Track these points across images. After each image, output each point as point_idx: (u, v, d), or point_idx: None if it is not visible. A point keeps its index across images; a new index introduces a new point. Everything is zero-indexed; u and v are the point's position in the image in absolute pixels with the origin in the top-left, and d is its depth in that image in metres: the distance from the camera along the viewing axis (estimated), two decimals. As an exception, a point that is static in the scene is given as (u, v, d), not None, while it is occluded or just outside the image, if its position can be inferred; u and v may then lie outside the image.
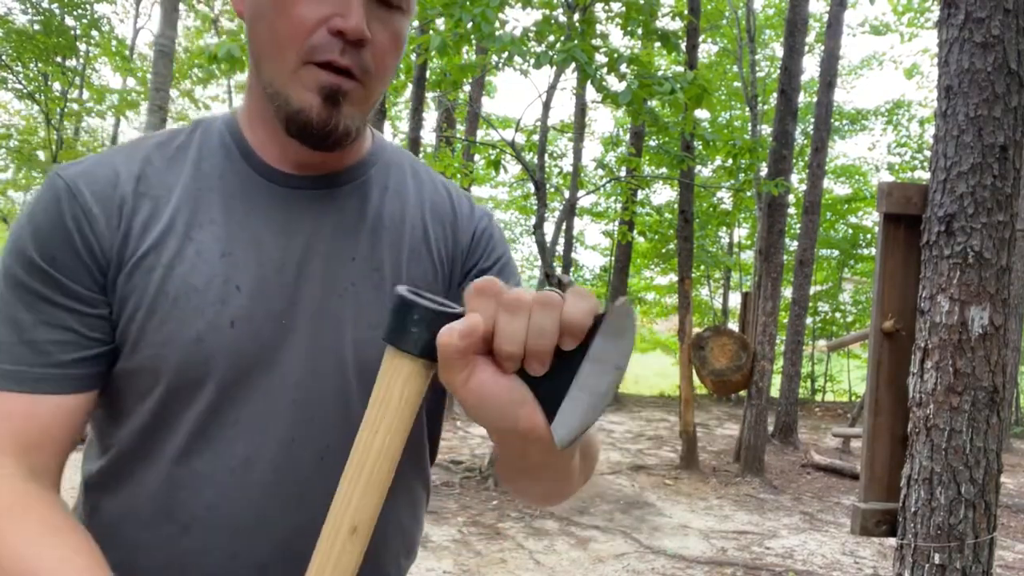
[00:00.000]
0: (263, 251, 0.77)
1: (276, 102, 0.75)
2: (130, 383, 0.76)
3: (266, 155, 0.81)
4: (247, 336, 0.75)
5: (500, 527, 5.12)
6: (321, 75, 0.73)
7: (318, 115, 0.74)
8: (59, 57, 10.76)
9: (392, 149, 0.92)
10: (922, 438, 2.22)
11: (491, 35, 4.95)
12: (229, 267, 0.76)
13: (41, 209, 0.75)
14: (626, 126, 15.00)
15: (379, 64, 0.76)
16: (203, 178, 0.80)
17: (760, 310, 7.31)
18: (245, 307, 0.75)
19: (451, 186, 0.93)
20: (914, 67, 17.35)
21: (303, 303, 0.78)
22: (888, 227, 2.33)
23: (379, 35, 0.75)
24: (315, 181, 0.82)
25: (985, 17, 2.19)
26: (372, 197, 0.85)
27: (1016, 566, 4.97)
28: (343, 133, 0.76)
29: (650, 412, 12.13)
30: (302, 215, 0.80)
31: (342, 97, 0.74)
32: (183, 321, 0.74)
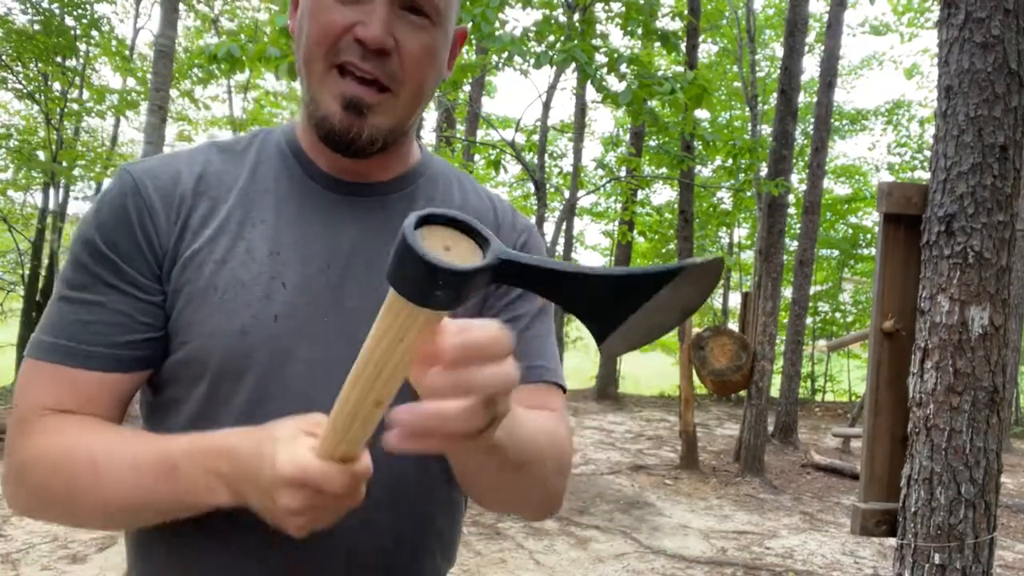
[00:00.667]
0: (310, 251, 0.81)
1: (310, 108, 0.80)
2: (179, 374, 0.80)
3: (319, 162, 0.85)
4: (289, 331, 0.79)
5: (500, 527, 5.12)
6: (343, 84, 0.77)
7: (340, 123, 0.77)
8: (59, 57, 10.76)
9: (440, 163, 0.96)
10: (922, 438, 2.22)
11: (491, 35, 4.95)
12: (276, 265, 0.80)
13: (108, 201, 0.80)
14: (626, 126, 15.00)
15: (410, 73, 0.78)
16: (259, 181, 0.84)
17: (760, 310, 7.32)
18: (289, 303, 0.79)
19: (495, 198, 0.96)
20: (914, 67, 17.35)
21: (345, 303, 0.81)
22: (888, 227, 2.33)
23: (409, 44, 0.77)
24: (364, 188, 0.86)
25: (985, 17, 2.19)
26: (418, 207, 0.86)
27: (1016, 566, 4.97)
28: (367, 142, 0.79)
29: (650, 412, 12.13)
30: (350, 220, 0.84)
31: (365, 108, 0.77)
32: (230, 314, 0.78)
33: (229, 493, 0.68)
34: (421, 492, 0.86)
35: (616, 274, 0.46)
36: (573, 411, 11.36)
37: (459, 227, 0.48)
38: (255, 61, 4.76)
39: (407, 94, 0.79)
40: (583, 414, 11.17)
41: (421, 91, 0.81)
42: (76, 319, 0.78)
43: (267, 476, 0.62)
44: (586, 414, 11.21)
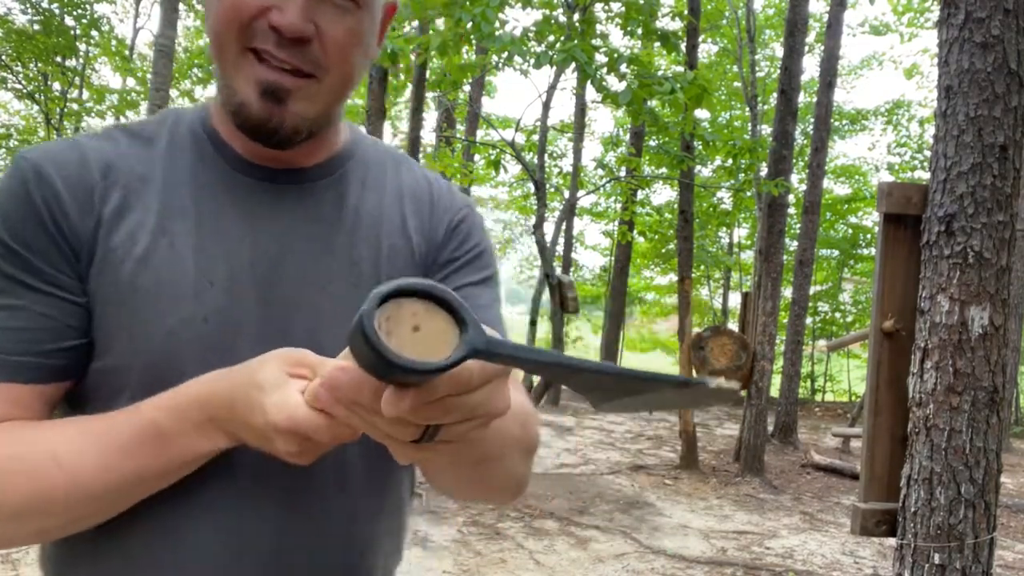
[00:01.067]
0: (237, 246, 0.75)
1: (225, 93, 0.73)
2: (99, 384, 0.73)
3: (238, 147, 0.79)
4: (220, 333, 0.72)
5: (500, 527, 5.12)
6: (259, 70, 0.70)
7: (257, 111, 0.71)
8: (59, 57, 10.77)
9: (370, 143, 0.90)
10: (922, 438, 2.22)
11: (491, 35, 4.95)
12: (202, 262, 0.73)
13: (9, 195, 0.71)
14: (626, 126, 15.00)
15: (334, 60, 0.72)
16: (175, 170, 0.77)
17: (760, 310, 7.32)
18: (219, 303, 0.73)
19: (432, 176, 0.90)
20: (914, 67, 17.35)
21: (279, 298, 0.75)
22: (888, 227, 2.33)
23: (331, 29, 0.71)
24: (290, 175, 0.80)
25: (985, 17, 2.19)
26: (349, 192, 0.82)
27: (1016, 566, 4.97)
28: (290, 131, 0.73)
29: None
30: (277, 209, 0.78)
31: (284, 94, 0.71)
32: (155, 317, 0.71)
33: (227, 437, 0.66)
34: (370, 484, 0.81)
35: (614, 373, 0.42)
36: (573, 411, 11.37)
37: (434, 300, 0.42)
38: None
39: (332, 80, 0.73)
40: (583, 414, 11.17)
41: (348, 77, 0.75)
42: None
43: (259, 423, 0.60)
44: (586, 414, 11.21)
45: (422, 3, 4.97)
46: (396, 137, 13.18)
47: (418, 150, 8.26)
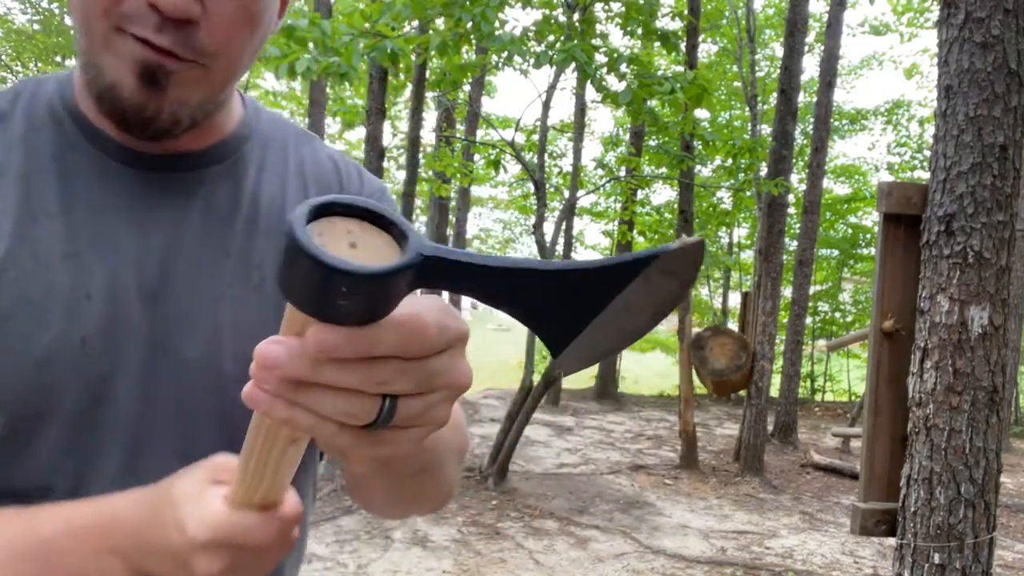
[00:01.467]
0: (117, 250, 0.64)
1: (89, 73, 0.61)
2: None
3: (110, 130, 0.66)
4: (103, 355, 0.62)
5: (500, 527, 5.12)
6: (137, 48, 0.58)
7: (131, 96, 0.59)
8: (59, 57, 10.76)
9: (270, 119, 0.78)
10: (922, 438, 2.22)
11: (491, 35, 4.95)
12: (76, 271, 0.62)
13: None
14: (626, 126, 15.00)
15: (223, 43, 0.61)
16: (33, 157, 0.64)
17: (760, 310, 7.32)
18: (99, 319, 0.62)
19: (339, 157, 0.80)
20: (914, 67, 17.35)
21: (168, 312, 0.65)
22: (888, 227, 2.33)
23: (220, 8, 0.60)
24: (176, 162, 0.67)
25: (985, 17, 2.19)
26: (247, 179, 0.71)
27: (1016, 566, 4.97)
28: (169, 121, 0.62)
29: (650, 412, 12.13)
30: (163, 204, 0.66)
31: (165, 78, 0.59)
32: (21, 340, 0.59)
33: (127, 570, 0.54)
34: None
35: (571, 268, 0.36)
36: (573, 411, 11.37)
37: (367, 218, 0.36)
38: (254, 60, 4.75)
39: (220, 66, 0.62)
40: (583, 414, 11.17)
41: (239, 61, 0.64)
42: None
43: (177, 544, 0.50)
44: (586, 414, 11.21)
45: (422, 3, 4.97)
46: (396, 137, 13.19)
47: (418, 150, 8.26)
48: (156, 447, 0.64)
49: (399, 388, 0.37)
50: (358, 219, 0.36)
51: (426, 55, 6.17)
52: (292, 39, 4.61)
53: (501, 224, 21.77)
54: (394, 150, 11.87)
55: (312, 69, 4.45)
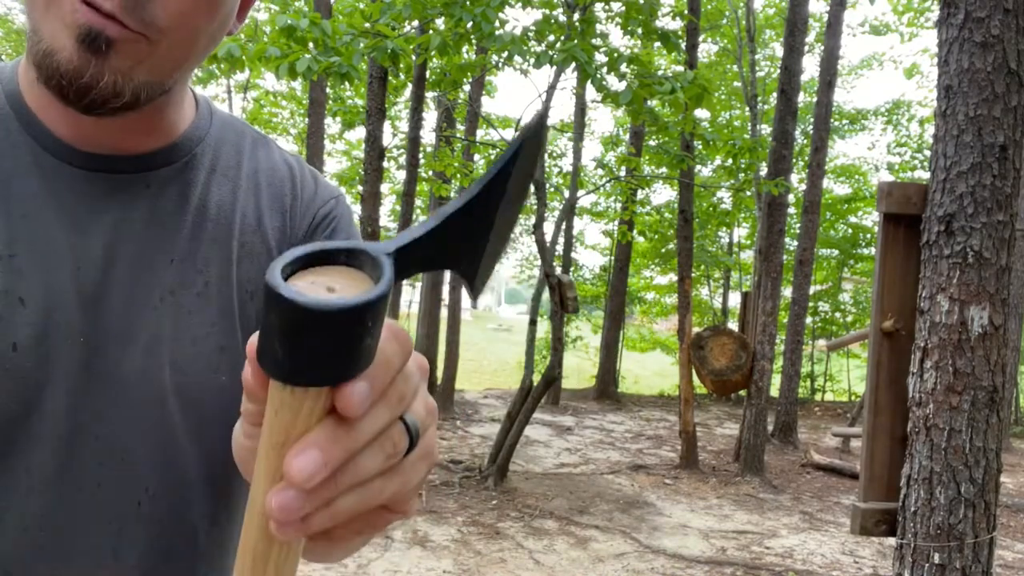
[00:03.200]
0: (54, 252, 0.61)
1: (32, 42, 0.58)
2: None
3: (55, 127, 0.63)
4: (35, 362, 0.60)
5: (500, 527, 5.12)
6: (80, 10, 0.55)
7: (69, 60, 0.56)
8: (59, 57, 10.78)
9: (224, 121, 0.75)
10: (922, 438, 2.22)
11: (491, 35, 4.95)
12: (9, 274, 0.60)
13: None
14: (626, 126, 15.01)
15: (177, 20, 0.58)
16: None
17: (760, 310, 7.32)
18: (32, 326, 0.60)
19: (295, 162, 0.77)
20: (914, 67, 17.35)
21: (106, 318, 0.62)
22: (888, 227, 2.33)
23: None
24: (122, 162, 0.65)
25: (985, 17, 2.19)
26: (196, 182, 0.69)
27: (1016, 566, 4.97)
28: (109, 92, 0.57)
29: (650, 412, 12.13)
30: (105, 206, 0.64)
31: (106, 44, 0.56)
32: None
33: None
34: None
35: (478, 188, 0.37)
36: (573, 411, 11.37)
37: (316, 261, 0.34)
38: (255, 61, 4.76)
39: (169, 45, 0.58)
40: (583, 414, 11.18)
41: (190, 44, 0.60)
42: None
43: None
44: (586, 414, 11.21)
45: (422, 3, 4.98)
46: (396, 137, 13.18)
47: (418, 150, 8.26)
48: (86, 461, 0.62)
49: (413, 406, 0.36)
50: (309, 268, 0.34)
51: (426, 55, 6.17)
52: (292, 39, 4.61)
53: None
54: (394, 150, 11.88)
55: (312, 69, 4.45)
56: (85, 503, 0.62)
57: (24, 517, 0.60)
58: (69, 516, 0.62)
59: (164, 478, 0.65)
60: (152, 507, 0.64)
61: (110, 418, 0.63)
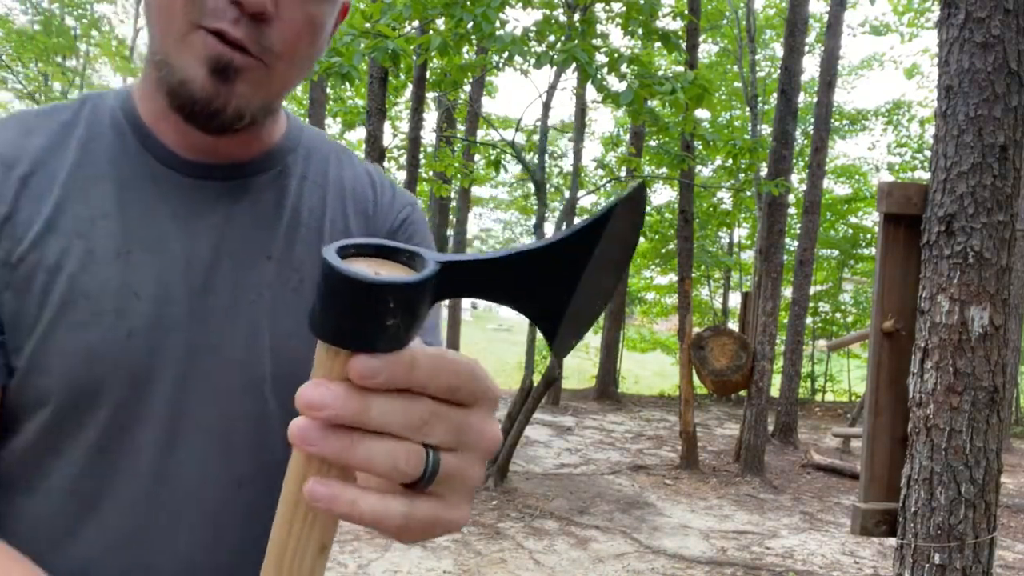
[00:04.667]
0: (166, 251, 0.68)
1: (161, 71, 0.65)
2: (12, 399, 0.65)
3: (166, 139, 0.71)
4: (147, 349, 0.66)
5: (500, 527, 5.12)
6: (210, 43, 0.62)
7: (202, 88, 0.63)
8: (59, 57, 10.77)
9: (312, 134, 0.83)
10: (922, 438, 2.22)
11: (492, 35, 4.95)
12: (126, 269, 0.66)
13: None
14: (626, 126, 15.01)
15: (288, 46, 0.65)
16: (92, 163, 0.69)
17: (760, 310, 7.32)
18: (145, 316, 0.66)
19: (375, 173, 0.85)
20: (914, 67, 17.36)
21: (211, 311, 0.69)
22: (888, 227, 2.33)
23: (292, 13, 0.64)
24: (225, 170, 0.72)
25: (985, 17, 2.19)
26: (290, 188, 0.75)
27: (1016, 566, 4.97)
28: (234, 115, 0.65)
29: (650, 412, 12.13)
30: (210, 209, 0.70)
31: (234, 73, 0.63)
32: (72, 333, 0.64)
33: None
34: None
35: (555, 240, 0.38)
36: (573, 411, 11.37)
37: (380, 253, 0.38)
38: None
39: (282, 67, 0.66)
40: (583, 414, 11.18)
41: (299, 67, 0.68)
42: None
43: None
44: (586, 414, 11.21)
45: (423, 3, 4.98)
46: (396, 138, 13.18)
47: (418, 150, 8.26)
48: (190, 441, 0.68)
49: (437, 433, 0.37)
50: (372, 256, 0.38)
51: (427, 55, 6.17)
52: None
53: (502, 224, 21.80)
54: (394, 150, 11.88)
55: (313, 69, 4.45)
56: (188, 484, 0.67)
57: (132, 495, 0.66)
58: (173, 496, 0.67)
59: (259, 462, 0.69)
60: (248, 490, 0.69)
61: (212, 404, 0.68)
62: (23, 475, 0.67)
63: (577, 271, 0.39)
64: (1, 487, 0.67)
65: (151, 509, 0.67)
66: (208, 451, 0.68)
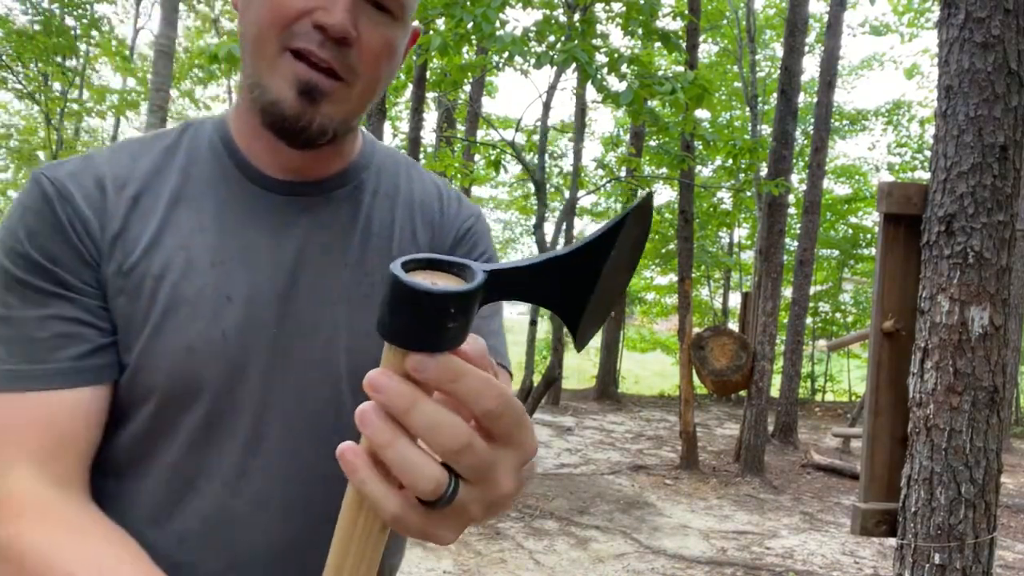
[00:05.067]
0: (255, 260, 0.76)
1: (254, 92, 0.74)
2: (121, 396, 0.74)
3: (256, 161, 0.80)
4: (239, 347, 0.74)
5: (500, 527, 5.12)
6: (298, 67, 0.71)
7: (291, 108, 0.71)
8: (59, 57, 10.76)
9: (384, 151, 0.91)
10: (922, 438, 2.22)
11: (492, 35, 4.95)
12: (220, 277, 0.75)
13: (33, 210, 0.72)
14: (626, 126, 15.01)
15: (368, 66, 0.73)
16: (192, 184, 0.78)
17: (760, 310, 7.32)
18: (237, 318, 0.74)
19: (442, 184, 0.92)
20: (914, 67, 17.36)
21: (295, 313, 0.77)
22: (888, 227, 2.33)
23: (369, 36, 0.73)
24: (307, 187, 0.81)
25: (985, 17, 2.19)
26: (364, 202, 0.84)
27: (1016, 566, 4.97)
28: (318, 131, 0.73)
29: (650, 412, 12.13)
30: (295, 222, 0.79)
31: (319, 95, 0.72)
32: (174, 333, 0.72)
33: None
34: None
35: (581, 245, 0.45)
36: (573, 411, 11.37)
37: (431, 265, 0.44)
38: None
39: (362, 87, 0.74)
40: (583, 414, 11.17)
41: (376, 86, 0.76)
42: (28, 337, 0.69)
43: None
44: (586, 414, 11.21)
45: (423, 3, 4.98)
46: (396, 137, 13.17)
47: (418, 150, 8.26)
48: (275, 431, 0.76)
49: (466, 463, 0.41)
50: (429, 269, 0.44)
51: (427, 56, 6.17)
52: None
53: (502, 224, 21.78)
54: (394, 150, 11.86)
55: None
56: (276, 466, 0.75)
57: (223, 477, 0.74)
58: (263, 475, 0.75)
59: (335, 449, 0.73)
60: (324, 476, 0.75)
61: (294, 396, 0.76)
62: (134, 459, 0.75)
63: (596, 272, 0.45)
64: (115, 470, 0.75)
65: (238, 491, 0.75)
66: (290, 441, 0.76)
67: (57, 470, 0.69)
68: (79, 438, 0.71)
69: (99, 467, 0.75)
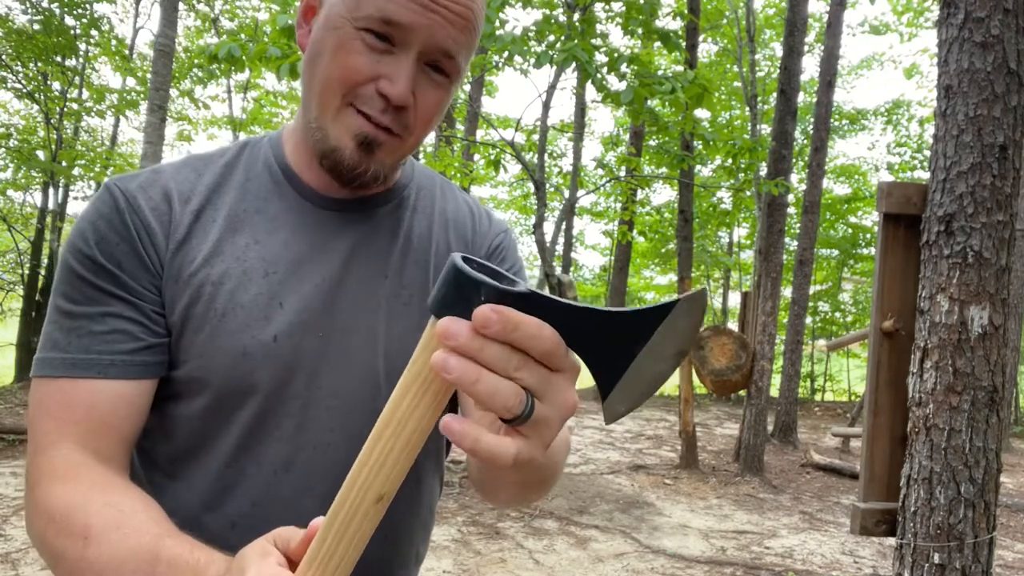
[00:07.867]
0: (304, 270, 0.83)
1: (315, 136, 0.81)
2: (177, 390, 0.81)
3: (308, 179, 0.87)
4: (289, 350, 0.81)
5: (500, 527, 5.13)
6: (359, 122, 0.78)
7: (350, 158, 0.79)
8: (59, 57, 10.75)
9: (421, 170, 0.99)
10: (922, 438, 2.22)
11: (491, 35, 4.95)
12: (273, 285, 0.82)
13: (103, 218, 0.79)
14: (626, 126, 15.01)
15: (421, 125, 0.81)
16: (249, 199, 0.85)
17: (760, 310, 7.32)
18: (287, 323, 0.81)
19: (473, 203, 1.00)
20: (914, 67, 17.35)
21: (339, 318, 0.84)
22: (888, 227, 2.33)
23: (424, 99, 0.79)
24: (354, 204, 0.88)
25: (985, 17, 2.19)
26: (404, 218, 0.91)
27: (1016, 566, 4.97)
28: (372, 178, 0.81)
29: (650, 412, 12.13)
30: (341, 236, 0.86)
31: (376, 147, 0.79)
32: (230, 336, 0.80)
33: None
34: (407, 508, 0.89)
35: (618, 311, 0.47)
36: (573, 411, 11.36)
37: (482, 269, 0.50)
38: (255, 61, 4.76)
39: (413, 140, 0.82)
40: (583, 414, 11.17)
41: (424, 136, 0.84)
42: (87, 331, 0.77)
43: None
44: (586, 414, 11.21)
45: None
46: (396, 137, 13.17)
47: (418, 150, 8.25)
48: (319, 425, 0.83)
49: (529, 377, 0.47)
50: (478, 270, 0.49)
51: (426, 55, 6.15)
52: (293, 39, 4.60)
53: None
54: (394, 150, 11.85)
55: None
56: (318, 457, 0.82)
57: (272, 465, 0.82)
58: (307, 465, 0.82)
59: None
60: None
61: (337, 394, 0.83)
62: (190, 449, 0.82)
63: (636, 344, 0.48)
64: (171, 462, 0.83)
65: (285, 479, 0.82)
66: (334, 432, 0.83)
67: (98, 446, 0.76)
68: (123, 424, 0.78)
69: (155, 462, 0.84)
